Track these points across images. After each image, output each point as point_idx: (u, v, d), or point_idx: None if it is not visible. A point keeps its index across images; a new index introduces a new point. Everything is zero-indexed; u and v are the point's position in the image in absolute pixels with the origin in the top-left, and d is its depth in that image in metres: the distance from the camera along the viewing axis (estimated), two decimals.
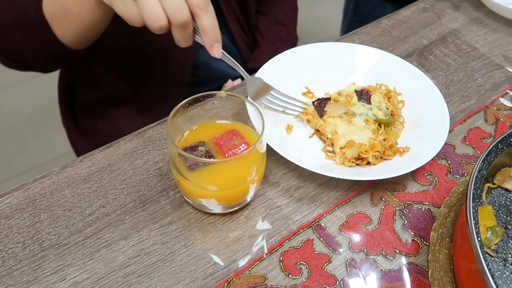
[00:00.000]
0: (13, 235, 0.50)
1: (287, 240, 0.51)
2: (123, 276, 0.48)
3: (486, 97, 0.70)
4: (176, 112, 0.50)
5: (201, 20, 0.50)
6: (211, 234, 0.52)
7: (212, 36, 0.51)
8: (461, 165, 0.60)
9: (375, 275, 0.49)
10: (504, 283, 0.47)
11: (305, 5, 1.41)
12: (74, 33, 0.64)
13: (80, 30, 0.63)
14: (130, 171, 0.57)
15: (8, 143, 1.71)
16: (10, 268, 0.48)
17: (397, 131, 0.61)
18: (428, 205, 0.55)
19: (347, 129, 0.58)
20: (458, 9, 0.87)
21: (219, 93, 0.52)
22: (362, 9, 1.27)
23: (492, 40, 0.80)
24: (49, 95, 1.31)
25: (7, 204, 0.53)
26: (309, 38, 1.94)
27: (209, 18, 0.50)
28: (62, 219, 0.52)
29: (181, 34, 0.50)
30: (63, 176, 0.56)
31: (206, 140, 0.52)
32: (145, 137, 0.61)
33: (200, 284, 0.47)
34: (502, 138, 0.51)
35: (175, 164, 0.49)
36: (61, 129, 0.97)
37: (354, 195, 0.56)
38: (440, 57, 0.76)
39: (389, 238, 0.52)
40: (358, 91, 0.63)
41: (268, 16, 0.97)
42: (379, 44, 0.78)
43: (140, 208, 0.53)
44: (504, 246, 0.49)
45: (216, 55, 0.53)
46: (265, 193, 0.56)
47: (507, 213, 0.52)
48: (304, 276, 0.48)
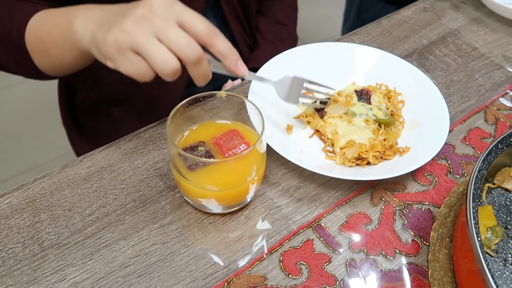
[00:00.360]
0: (13, 235, 0.50)
1: (287, 240, 0.51)
2: (123, 276, 0.48)
3: (486, 97, 0.70)
4: (176, 112, 0.50)
5: (216, 46, 0.48)
6: (211, 234, 0.52)
7: (233, 56, 0.50)
8: (461, 165, 0.60)
9: (375, 275, 0.49)
10: (504, 283, 0.47)
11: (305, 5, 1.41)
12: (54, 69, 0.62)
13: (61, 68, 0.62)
14: (130, 171, 0.57)
15: (8, 143, 1.71)
16: (10, 268, 0.48)
17: (397, 131, 0.61)
18: (428, 205, 0.55)
19: (347, 129, 0.58)
20: (458, 9, 0.87)
21: (219, 93, 0.52)
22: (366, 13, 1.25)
23: (492, 40, 0.80)
24: (49, 95, 1.31)
25: (7, 204, 0.53)
26: (309, 38, 1.94)
27: (222, 41, 0.49)
28: (62, 219, 0.52)
29: (199, 69, 0.48)
30: (63, 176, 0.56)
31: (206, 140, 0.52)
32: (145, 137, 0.61)
33: (200, 284, 0.47)
34: (502, 138, 0.51)
35: (175, 164, 0.49)
36: (61, 129, 0.97)
37: (354, 195, 0.56)
38: (440, 57, 0.76)
39: (389, 238, 0.52)
40: (358, 91, 0.63)
41: (268, 16, 0.97)
42: (379, 44, 0.78)
43: (140, 208, 0.53)
44: (504, 246, 0.49)
45: (245, 72, 0.51)
46: (265, 193, 0.56)
47: (507, 213, 0.52)
48: (304, 276, 0.48)
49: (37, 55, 0.61)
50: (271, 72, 0.64)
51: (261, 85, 0.63)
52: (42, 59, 0.61)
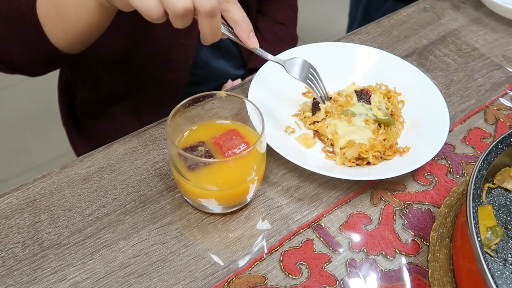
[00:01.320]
0: (13, 235, 0.50)
1: (287, 240, 0.51)
2: (123, 276, 0.48)
3: (486, 97, 0.70)
4: (176, 112, 0.50)
5: (231, 12, 0.47)
6: (211, 234, 0.52)
7: (246, 26, 0.48)
8: (461, 165, 0.60)
9: (375, 275, 0.49)
10: (504, 283, 0.47)
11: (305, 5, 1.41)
12: (68, 36, 0.60)
13: (75, 34, 0.59)
14: (130, 171, 0.57)
15: (8, 143, 1.71)
16: (10, 268, 0.48)
17: (397, 131, 0.61)
18: (428, 205, 0.55)
19: (347, 129, 0.58)
20: (458, 9, 0.87)
21: (219, 93, 0.52)
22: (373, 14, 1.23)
23: (492, 40, 0.80)
24: (49, 95, 1.31)
25: (7, 204, 0.53)
26: (309, 38, 1.94)
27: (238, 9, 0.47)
28: (62, 219, 0.52)
29: (210, 25, 0.46)
30: (63, 176, 0.56)
31: (206, 140, 0.52)
32: (145, 137, 0.61)
33: (200, 284, 0.47)
34: (502, 138, 0.51)
35: (175, 164, 0.49)
36: (61, 129, 0.97)
37: (354, 195, 0.56)
38: (440, 57, 0.76)
39: (389, 238, 0.52)
40: (358, 91, 0.63)
41: (268, 16, 0.97)
42: (379, 44, 0.78)
43: (140, 208, 0.53)
44: (504, 246, 0.49)
45: (255, 45, 0.51)
46: (265, 193, 0.56)
47: (507, 213, 0.52)
48: (304, 276, 0.48)
49: (50, 21, 0.58)
50: (271, 72, 0.64)
51: (261, 85, 0.63)
52: (55, 28, 0.59)
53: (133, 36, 0.76)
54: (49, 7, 0.58)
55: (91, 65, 0.83)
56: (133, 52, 0.79)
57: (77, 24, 0.58)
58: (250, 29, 0.49)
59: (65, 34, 0.60)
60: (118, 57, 0.80)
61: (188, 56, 0.80)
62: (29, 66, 0.67)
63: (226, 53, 0.89)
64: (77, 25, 0.58)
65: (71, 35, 0.60)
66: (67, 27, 0.59)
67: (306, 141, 0.60)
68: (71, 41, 0.61)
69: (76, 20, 0.57)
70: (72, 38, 0.61)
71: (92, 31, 0.60)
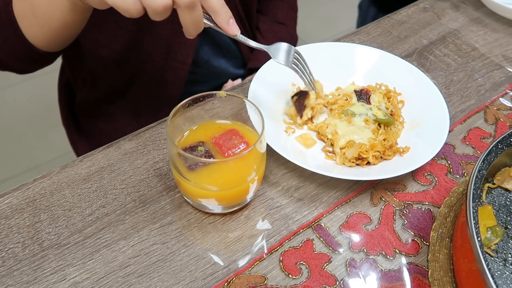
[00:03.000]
0: (13, 235, 0.50)
1: (287, 240, 0.51)
2: (123, 276, 0.48)
3: (486, 97, 0.70)
4: (176, 112, 0.50)
5: (209, 1, 0.47)
6: (211, 234, 0.52)
7: (224, 13, 0.48)
8: (461, 165, 0.60)
9: (375, 275, 0.49)
10: (504, 283, 0.47)
11: (305, 5, 1.41)
12: (44, 35, 0.59)
13: (50, 32, 0.58)
14: (130, 171, 0.57)
15: (8, 143, 1.71)
16: (10, 268, 0.48)
17: (397, 131, 0.61)
18: (428, 205, 0.55)
19: (347, 129, 0.58)
20: (458, 9, 0.87)
21: (219, 93, 0.52)
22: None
23: (492, 40, 0.80)
24: (49, 95, 1.31)
25: (7, 204, 0.53)
26: (309, 38, 1.94)
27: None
28: (62, 219, 0.52)
29: (191, 17, 0.46)
30: (63, 176, 0.56)
31: (205, 140, 0.52)
32: (145, 137, 0.61)
33: (200, 284, 0.47)
34: (502, 138, 0.51)
35: (175, 164, 0.49)
36: (61, 129, 0.97)
37: (354, 195, 0.56)
38: (440, 57, 0.76)
39: (389, 238, 0.52)
40: (358, 91, 0.62)
41: (268, 15, 0.97)
42: (379, 44, 0.78)
43: (140, 208, 0.53)
44: (504, 246, 0.49)
45: (235, 31, 0.50)
46: (265, 193, 0.56)
47: (507, 213, 0.52)
48: (304, 276, 0.48)
49: (26, 20, 0.58)
50: (271, 72, 0.64)
51: (261, 85, 0.63)
52: (31, 26, 0.58)
53: (133, 35, 0.76)
54: (24, 5, 0.57)
55: (91, 64, 0.83)
56: (133, 51, 0.79)
57: (51, 22, 0.57)
58: (229, 16, 0.49)
59: (41, 33, 0.59)
60: (118, 56, 0.80)
61: (187, 55, 0.80)
62: (13, 63, 0.67)
63: (226, 52, 0.89)
64: (51, 23, 0.57)
65: (47, 33, 0.59)
66: (42, 26, 0.58)
67: (306, 141, 0.60)
68: (49, 39, 0.60)
69: (50, 19, 0.56)
70: (49, 36, 0.60)
71: (68, 29, 0.59)
